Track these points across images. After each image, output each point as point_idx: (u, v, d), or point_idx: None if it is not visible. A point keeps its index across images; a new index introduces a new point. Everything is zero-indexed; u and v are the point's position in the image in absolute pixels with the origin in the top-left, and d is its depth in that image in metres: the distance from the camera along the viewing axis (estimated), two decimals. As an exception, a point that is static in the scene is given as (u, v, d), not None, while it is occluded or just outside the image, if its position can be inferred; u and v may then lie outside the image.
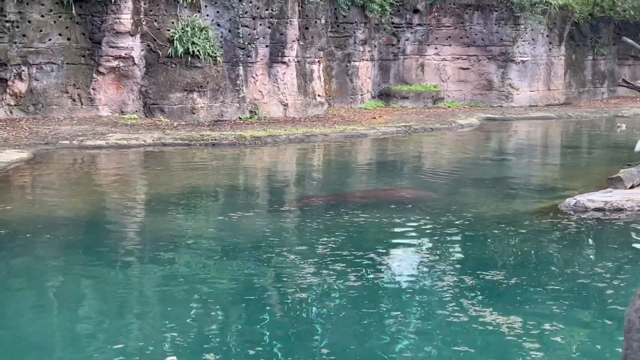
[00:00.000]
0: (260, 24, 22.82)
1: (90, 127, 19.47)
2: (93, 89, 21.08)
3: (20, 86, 20.37)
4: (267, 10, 22.81)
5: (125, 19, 20.85)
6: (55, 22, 20.63)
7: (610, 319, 6.89)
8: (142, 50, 21.31)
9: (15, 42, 20.17)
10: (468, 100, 28.96)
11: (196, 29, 21.49)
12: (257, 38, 22.80)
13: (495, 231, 10.13)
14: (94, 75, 21.06)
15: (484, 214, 11.18)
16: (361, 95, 26.73)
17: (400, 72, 28.71)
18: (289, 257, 8.71)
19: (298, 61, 23.69)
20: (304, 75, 23.93)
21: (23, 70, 20.31)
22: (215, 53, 21.78)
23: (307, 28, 23.99)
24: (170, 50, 21.27)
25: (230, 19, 22.54)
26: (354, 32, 26.37)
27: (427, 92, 28.12)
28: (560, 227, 10.27)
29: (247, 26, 22.65)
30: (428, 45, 28.91)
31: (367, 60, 27.05)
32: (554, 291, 7.64)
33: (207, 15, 22.33)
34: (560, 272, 8.45)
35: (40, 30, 20.45)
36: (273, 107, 23.24)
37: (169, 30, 21.48)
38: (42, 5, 20.46)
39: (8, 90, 20.24)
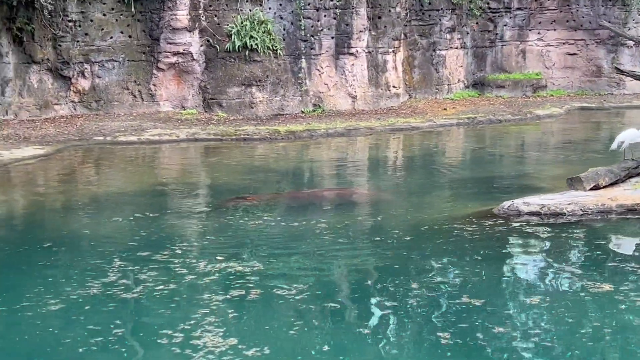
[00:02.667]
0: (325, 15, 22.36)
1: (137, 122, 19.84)
2: (154, 84, 21.49)
3: (84, 83, 21.11)
4: (331, 1, 22.32)
5: (182, 15, 21.11)
6: (116, 20, 21.21)
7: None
8: (201, 45, 21.48)
9: (78, 41, 20.91)
10: (575, 88, 27.05)
11: (255, 23, 21.41)
12: (321, 30, 22.35)
13: (389, 239, 9.26)
14: (154, 71, 21.46)
15: (413, 216, 10.39)
16: (448, 85, 25.59)
17: (499, 59, 27.25)
18: (157, 259, 8.46)
19: (369, 52, 23.01)
20: (375, 67, 23.22)
21: (86, 68, 21.03)
22: (275, 46, 21.60)
23: (379, 17, 23.25)
24: (228, 44, 21.30)
25: (292, 12, 22.23)
26: (440, 20, 25.27)
27: (527, 80, 26.52)
28: (456, 233, 9.30)
29: (309, 18, 22.26)
30: (530, 30, 27.25)
31: (456, 48, 25.86)
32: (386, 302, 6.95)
33: (270, 8, 22.14)
34: (403, 281, 7.66)
35: (102, 29, 21.08)
36: (340, 99, 22.71)
37: (228, 24, 21.52)
38: (104, 4, 21.08)
39: (72, 88, 21.02)
